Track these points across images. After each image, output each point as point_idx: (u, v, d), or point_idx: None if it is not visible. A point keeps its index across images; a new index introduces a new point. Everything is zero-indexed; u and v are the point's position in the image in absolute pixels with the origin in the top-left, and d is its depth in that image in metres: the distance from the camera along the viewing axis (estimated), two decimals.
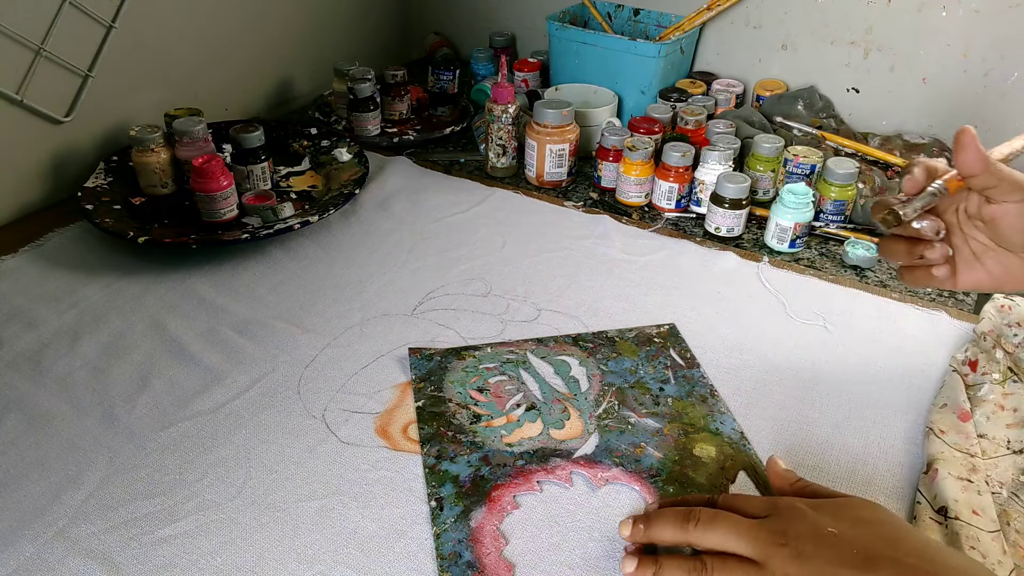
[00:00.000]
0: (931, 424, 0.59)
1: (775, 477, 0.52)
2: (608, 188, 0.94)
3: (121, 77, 0.94)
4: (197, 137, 0.84)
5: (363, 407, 0.62)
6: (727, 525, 0.45)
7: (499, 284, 0.77)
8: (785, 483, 0.51)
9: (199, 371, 0.65)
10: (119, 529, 0.51)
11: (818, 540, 0.42)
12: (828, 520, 0.43)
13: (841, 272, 0.80)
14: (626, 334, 0.70)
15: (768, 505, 0.46)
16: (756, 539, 0.43)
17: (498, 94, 0.92)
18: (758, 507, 0.46)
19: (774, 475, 0.52)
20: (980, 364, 0.64)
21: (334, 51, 1.24)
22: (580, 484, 0.55)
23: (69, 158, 0.91)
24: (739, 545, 0.44)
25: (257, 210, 0.84)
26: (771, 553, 0.43)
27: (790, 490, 0.50)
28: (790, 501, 0.46)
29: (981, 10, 0.96)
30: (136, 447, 0.58)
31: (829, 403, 0.63)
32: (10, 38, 0.81)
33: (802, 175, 0.87)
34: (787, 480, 0.51)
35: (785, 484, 0.51)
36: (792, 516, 0.44)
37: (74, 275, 0.77)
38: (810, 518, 0.44)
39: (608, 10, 1.18)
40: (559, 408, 0.62)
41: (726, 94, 1.11)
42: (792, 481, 0.51)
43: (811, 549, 0.42)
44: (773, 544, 0.43)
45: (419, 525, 0.52)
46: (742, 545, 0.44)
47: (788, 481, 0.51)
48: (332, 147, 0.97)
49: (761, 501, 0.47)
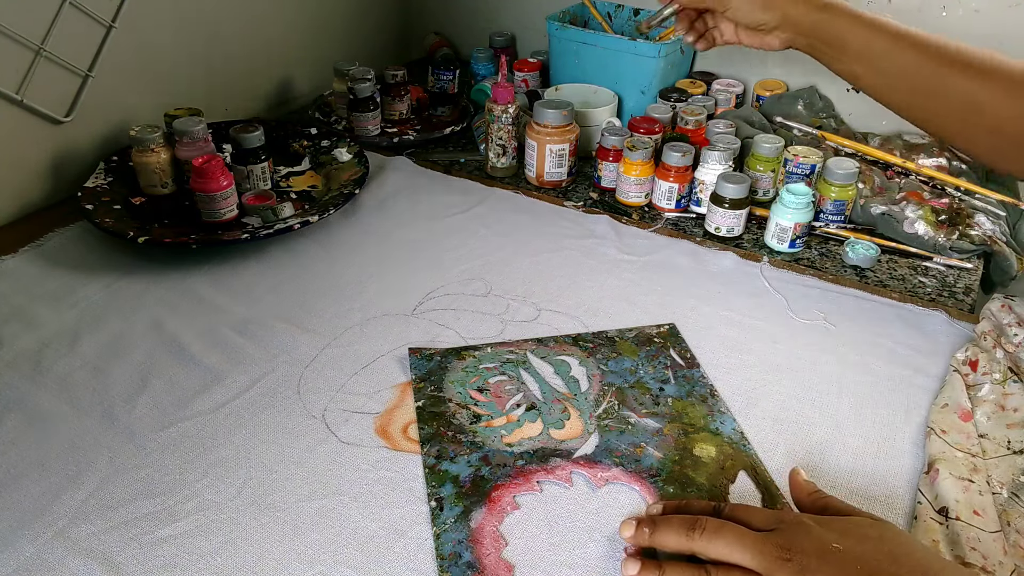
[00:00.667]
0: (932, 424, 0.59)
1: (794, 486, 0.51)
2: (608, 188, 0.94)
3: (121, 77, 0.94)
4: (197, 137, 0.84)
5: (363, 407, 0.62)
6: (732, 536, 0.45)
7: (499, 284, 0.77)
8: (803, 492, 0.51)
9: (199, 371, 0.65)
10: (119, 529, 0.51)
11: (822, 556, 0.42)
12: (834, 536, 0.43)
13: (841, 272, 0.80)
14: (626, 334, 0.70)
15: (774, 518, 0.46)
16: (761, 552, 0.43)
17: (498, 94, 0.92)
18: (764, 520, 0.46)
19: (794, 484, 0.52)
20: (981, 364, 0.64)
21: (334, 51, 1.24)
22: (580, 484, 0.55)
23: (69, 158, 0.91)
24: (744, 557, 0.44)
25: (257, 210, 0.84)
26: (775, 567, 0.43)
27: (807, 500, 0.50)
28: (796, 516, 0.46)
29: (981, 10, 0.96)
30: (136, 447, 0.58)
31: (829, 403, 0.63)
32: (10, 38, 0.81)
33: (802, 175, 0.87)
34: (805, 490, 0.51)
35: (803, 494, 0.51)
36: (798, 531, 0.44)
37: (74, 275, 0.77)
38: (815, 533, 0.44)
39: (608, 10, 1.18)
40: (559, 408, 0.62)
41: (726, 94, 1.11)
42: (810, 491, 0.50)
43: (815, 564, 0.42)
44: (778, 558, 0.43)
45: (419, 525, 0.52)
46: (747, 557, 0.44)
47: (806, 491, 0.51)
48: (332, 147, 0.97)
49: (767, 514, 0.47)
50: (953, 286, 0.78)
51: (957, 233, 0.82)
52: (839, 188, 0.84)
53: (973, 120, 0.66)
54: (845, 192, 0.84)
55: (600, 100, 1.05)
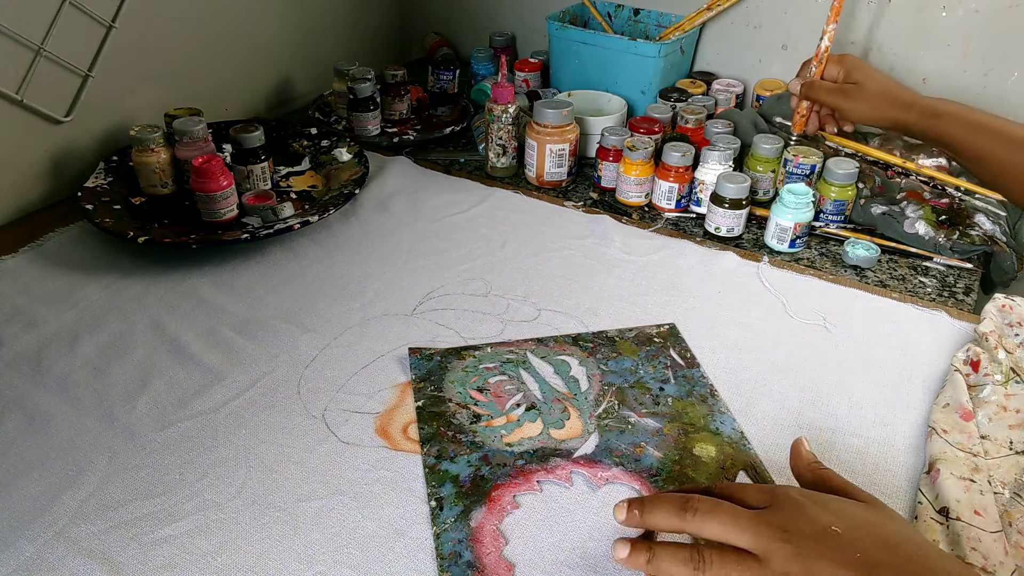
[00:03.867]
0: (933, 423, 0.59)
1: (795, 455, 0.51)
2: (608, 188, 0.94)
3: (121, 77, 0.94)
4: (197, 137, 0.84)
5: (363, 407, 0.62)
6: (727, 516, 0.44)
7: (499, 284, 0.77)
8: (803, 462, 0.50)
9: (199, 371, 0.65)
10: (119, 529, 0.51)
11: (820, 539, 0.42)
12: (831, 518, 0.43)
13: (841, 272, 0.80)
14: (626, 334, 0.70)
15: (768, 495, 0.45)
16: (758, 533, 0.43)
17: (498, 94, 0.92)
18: (757, 497, 0.46)
19: (795, 453, 0.51)
20: (982, 365, 0.64)
21: (334, 51, 1.24)
22: (580, 484, 0.55)
23: (69, 158, 0.91)
24: (740, 538, 0.43)
25: (257, 210, 0.84)
26: (773, 548, 0.42)
27: (806, 470, 0.49)
28: (787, 492, 0.45)
29: (981, 10, 0.96)
30: (136, 447, 0.58)
31: (829, 403, 0.63)
32: (10, 38, 0.81)
33: (802, 175, 0.87)
34: (805, 460, 0.50)
35: (803, 463, 0.50)
36: (793, 510, 0.44)
37: (74, 275, 0.77)
38: (811, 514, 0.43)
39: (608, 10, 1.18)
40: (559, 408, 0.62)
41: (726, 94, 1.11)
42: (810, 461, 0.50)
43: (813, 548, 0.41)
44: (775, 539, 0.42)
45: (419, 525, 0.52)
46: (744, 538, 0.43)
47: (806, 461, 0.50)
48: (332, 147, 0.97)
49: (760, 490, 0.46)
50: (953, 286, 0.78)
51: (957, 233, 0.82)
52: (839, 188, 0.84)
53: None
54: (845, 192, 0.84)
55: (613, 107, 1.04)
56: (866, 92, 0.82)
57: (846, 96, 0.83)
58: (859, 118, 0.83)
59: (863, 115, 0.82)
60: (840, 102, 0.83)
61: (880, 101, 0.81)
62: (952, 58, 1.00)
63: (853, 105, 0.82)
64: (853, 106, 0.82)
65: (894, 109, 0.80)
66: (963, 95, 0.98)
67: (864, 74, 0.83)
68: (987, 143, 0.74)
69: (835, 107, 0.85)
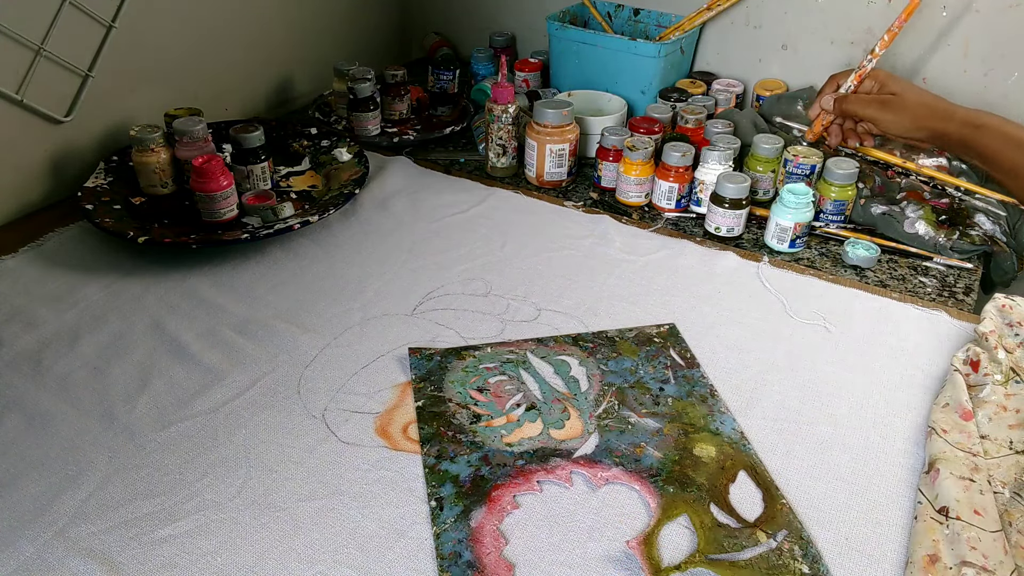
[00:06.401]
0: (933, 423, 0.59)
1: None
2: (608, 188, 0.94)
3: (121, 77, 0.94)
4: (197, 137, 0.84)
5: (363, 407, 0.62)
6: None
7: (499, 284, 0.77)
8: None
9: (199, 371, 0.65)
10: (119, 529, 0.51)
11: None
12: None
13: (841, 272, 0.80)
14: (626, 334, 0.70)
15: None
16: None
17: (498, 94, 0.92)
18: None
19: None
20: (982, 365, 0.64)
21: (334, 51, 1.24)
22: (580, 484, 0.55)
23: (69, 158, 0.91)
24: None
25: (257, 210, 0.84)
26: None
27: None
28: None
29: (981, 10, 0.96)
30: (136, 447, 0.58)
31: (829, 403, 0.63)
32: (10, 38, 0.81)
33: (802, 175, 0.87)
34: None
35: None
36: None
37: (74, 275, 0.77)
38: None
39: (608, 10, 1.18)
40: (559, 408, 0.62)
41: (726, 94, 1.11)
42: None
43: None
44: None
45: (419, 525, 0.52)
46: None
47: None
48: (332, 147, 0.97)
49: None
50: (953, 286, 0.78)
51: (957, 233, 0.82)
52: (839, 188, 0.84)
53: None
54: (845, 192, 0.84)
55: (613, 107, 1.04)
56: (906, 103, 0.81)
57: (885, 107, 0.82)
58: (898, 129, 0.82)
59: (902, 126, 0.82)
60: (879, 114, 0.83)
61: (921, 111, 0.80)
62: (952, 58, 0.99)
63: (893, 116, 0.82)
64: (893, 117, 0.82)
65: (934, 120, 0.79)
66: (963, 95, 0.98)
67: (900, 85, 0.83)
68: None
69: (873, 119, 0.84)
